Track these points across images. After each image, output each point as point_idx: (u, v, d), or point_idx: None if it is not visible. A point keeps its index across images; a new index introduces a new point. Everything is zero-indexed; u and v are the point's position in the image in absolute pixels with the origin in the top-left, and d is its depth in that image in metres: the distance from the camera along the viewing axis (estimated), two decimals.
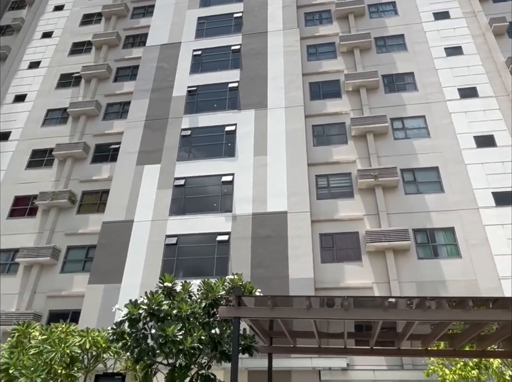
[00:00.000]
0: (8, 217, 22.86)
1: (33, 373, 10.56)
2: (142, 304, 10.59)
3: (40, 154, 25.20)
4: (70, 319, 14.04)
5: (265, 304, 7.97)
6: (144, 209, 20.06)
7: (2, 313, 19.20)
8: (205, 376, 10.77)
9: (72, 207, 22.37)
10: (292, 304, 8.32)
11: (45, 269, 20.64)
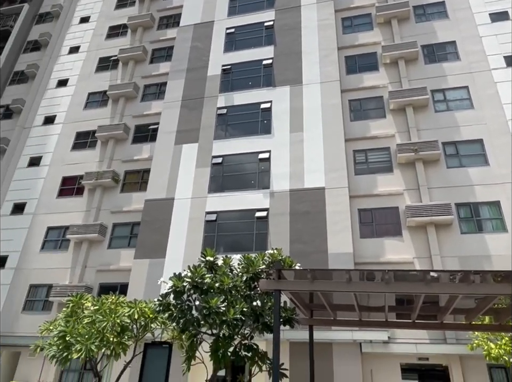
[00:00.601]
0: (57, 197, 23.93)
1: (88, 341, 11.14)
2: (186, 277, 10.90)
3: (83, 136, 25.96)
4: (118, 291, 14.55)
5: (305, 278, 7.97)
6: (184, 187, 20.39)
7: (57, 286, 20.33)
8: (248, 346, 11.04)
9: (116, 186, 23.08)
10: (331, 277, 8.27)
11: (94, 245, 21.58)
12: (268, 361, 10.92)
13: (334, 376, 14.74)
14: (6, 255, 22.83)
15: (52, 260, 21.91)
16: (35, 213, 23.76)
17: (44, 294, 21.07)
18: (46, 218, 23.28)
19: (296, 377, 13.05)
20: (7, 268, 22.40)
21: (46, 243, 22.65)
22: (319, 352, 11.25)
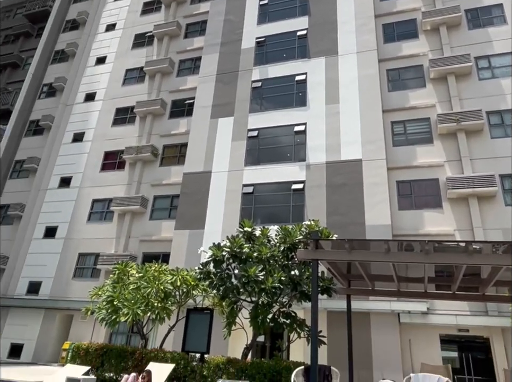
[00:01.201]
0: (100, 171, 24.69)
1: (134, 305, 11.65)
2: (225, 247, 11.11)
3: (123, 112, 26.41)
4: (161, 260, 15.05)
5: (342, 248, 7.90)
6: (221, 160, 20.51)
7: (104, 255, 21.26)
8: (286, 313, 11.22)
9: (155, 160, 23.52)
10: (369, 248, 8.16)
11: (136, 216, 22.26)
12: (307, 328, 11.07)
13: (372, 345, 14.81)
14: (56, 226, 23.95)
15: (98, 230, 22.84)
16: (81, 186, 24.65)
17: (92, 262, 22.09)
18: (91, 191, 24.14)
19: (333, 345, 13.20)
20: (57, 238, 23.55)
21: (92, 215, 23.60)
22: (357, 321, 11.27)
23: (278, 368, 9.95)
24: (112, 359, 11.88)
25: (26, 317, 21.81)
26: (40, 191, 25.48)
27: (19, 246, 24.11)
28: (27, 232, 24.37)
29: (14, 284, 23.04)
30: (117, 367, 11.71)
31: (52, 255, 22.99)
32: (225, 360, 10.66)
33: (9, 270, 23.60)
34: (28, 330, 21.40)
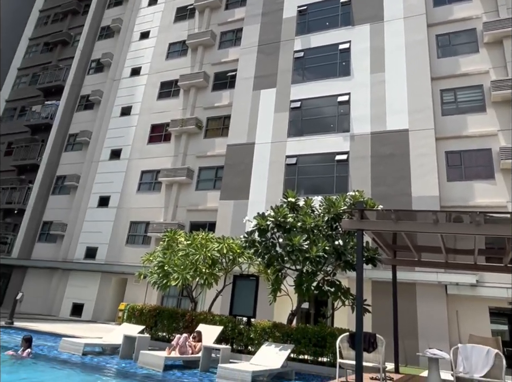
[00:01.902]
0: (148, 143, 25.30)
1: (183, 270, 12.05)
2: (269, 217, 11.15)
3: (167, 86, 26.65)
4: (207, 229, 15.35)
5: (388, 218, 7.68)
6: (264, 132, 20.39)
7: (153, 223, 22.08)
8: (331, 282, 11.23)
9: (200, 132, 23.76)
10: (416, 218, 7.88)
11: (183, 187, 22.79)
12: (351, 296, 11.07)
13: (417, 315, 14.65)
14: (109, 196, 25.02)
15: (147, 200, 23.63)
16: (130, 158, 25.43)
17: (143, 230, 23.00)
18: (140, 163, 24.85)
19: (377, 314, 13.17)
20: (110, 207, 24.63)
21: (141, 185, 24.41)
22: (402, 291, 11.13)
23: (323, 334, 10.07)
24: (164, 320, 12.42)
25: (85, 279, 23.26)
26: (93, 163, 26.54)
27: (76, 214, 25.44)
28: (83, 201, 25.60)
29: (73, 249, 24.50)
30: (169, 327, 12.26)
31: (106, 223, 24.14)
32: (271, 324, 10.89)
33: (68, 236, 25.05)
34: (87, 291, 22.84)
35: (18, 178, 29.45)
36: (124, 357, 9.96)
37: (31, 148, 29.86)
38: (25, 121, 31.20)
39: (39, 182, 27.70)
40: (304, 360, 10.28)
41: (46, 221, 26.72)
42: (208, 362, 9.43)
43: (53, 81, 31.91)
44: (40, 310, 23.30)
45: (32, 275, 25.36)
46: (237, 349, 11.04)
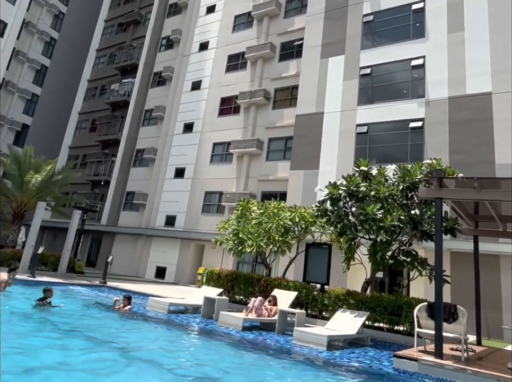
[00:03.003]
0: (218, 116, 25.68)
1: (257, 238, 12.32)
2: (341, 186, 10.92)
3: (234, 58, 26.59)
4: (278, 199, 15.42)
5: (470, 186, 7.14)
6: (333, 101, 19.75)
7: (226, 193, 22.70)
8: (406, 251, 10.87)
9: (268, 103, 23.61)
10: (501, 186, 7.24)
11: (254, 158, 23.02)
12: (428, 266, 10.67)
13: (501, 288, 13.79)
14: (184, 167, 26.00)
15: (220, 171, 24.21)
16: (202, 131, 26.05)
17: (217, 200, 23.74)
18: (211, 135, 25.39)
19: (456, 286, 12.59)
20: (185, 178, 25.64)
21: (213, 157, 25.03)
22: (484, 263, 10.43)
23: (399, 303, 9.87)
24: (240, 284, 12.86)
25: (166, 245, 24.71)
26: (168, 137, 27.59)
27: (155, 185, 26.81)
28: (160, 173, 26.87)
29: (154, 217, 26.00)
30: (245, 291, 12.69)
31: (182, 193, 25.23)
32: (345, 292, 10.88)
33: (149, 205, 26.57)
34: (169, 256, 24.28)
35: (103, 152, 31.56)
36: (205, 317, 10.52)
37: (112, 124, 31.70)
38: (106, 99, 33.01)
39: (121, 156, 29.48)
40: (379, 328, 10.20)
41: (129, 191, 28.51)
42: (283, 325, 9.67)
43: (128, 60, 33.20)
44: (127, 272, 25.22)
45: (120, 240, 27.42)
46: (311, 314, 11.21)
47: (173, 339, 8.00)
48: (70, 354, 5.75)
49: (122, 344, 6.79)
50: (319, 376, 6.27)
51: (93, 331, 7.56)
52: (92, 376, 4.89)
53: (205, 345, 7.89)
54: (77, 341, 6.61)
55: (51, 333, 6.99)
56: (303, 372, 6.36)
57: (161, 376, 5.22)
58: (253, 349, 7.57)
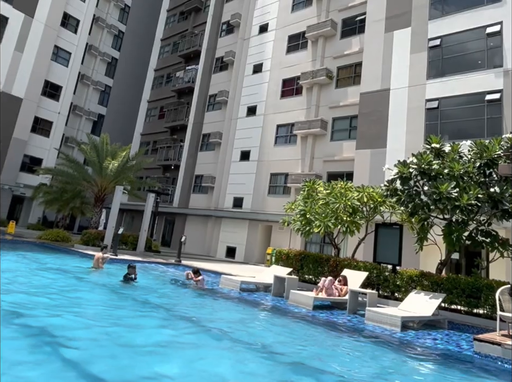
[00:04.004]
0: (280, 98, 25.50)
1: (324, 218, 12.20)
2: (412, 164, 10.42)
3: (294, 39, 26.04)
4: (345, 179, 15.12)
5: None
6: (399, 76, 18.75)
7: (292, 174, 22.64)
8: (485, 232, 10.24)
9: (331, 82, 22.97)
10: None
11: (318, 138, 22.66)
12: (511, 247, 9.99)
13: None
14: (249, 150, 26.27)
15: (284, 152, 24.16)
16: (265, 113, 26.04)
17: (282, 181, 23.77)
18: (275, 117, 25.32)
19: None
20: (251, 161, 25.92)
21: (277, 139, 24.99)
22: None
23: (478, 285, 9.37)
24: (309, 264, 12.92)
25: (234, 226, 25.33)
26: (232, 120, 27.95)
27: (222, 168, 27.44)
28: (226, 156, 27.41)
29: (222, 199, 26.70)
30: (314, 271, 12.73)
31: (248, 175, 25.60)
32: (418, 273, 10.52)
33: (217, 187, 27.29)
34: (238, 236, 24.89)
35: (172, 138, 32.79)
36: (276, 295, 10.73)
37: (179, 110, 32.73)
38: (172, 87, 34.05)
39: (188, 141, 30.46)
40: (456, 310, 9.78)
41: (198, 175, 29.44)
42: (355, 305, 9.63)
43: (191, 47, 33.82)
44: (199, 251, 26.25)
45: (191, 221, 28.55)
46: (383, 295, 11.01)
47: (249, 316, 8.30)
48: (157, 330, 6.11)
49: (201, 319, 7.12)
50: (394, 356, 6.20)
51: (174, 306, 8.03)
52: (181, 350, 5.17)
53: (279, 322, 8.06)
54: (160, 316, 6.99)
55: (135, 308, 7.51)
56: (378, 351, 6.32)
57: (234, 348, 5.42)
58: (326, 328, 7.66)
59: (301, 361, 5.19)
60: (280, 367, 4.80)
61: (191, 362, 4.61)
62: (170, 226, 30.24)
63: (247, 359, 4.98)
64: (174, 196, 30.17)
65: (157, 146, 33.47)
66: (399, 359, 6.12)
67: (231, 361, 4.89)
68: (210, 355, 5.00)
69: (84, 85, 36.97)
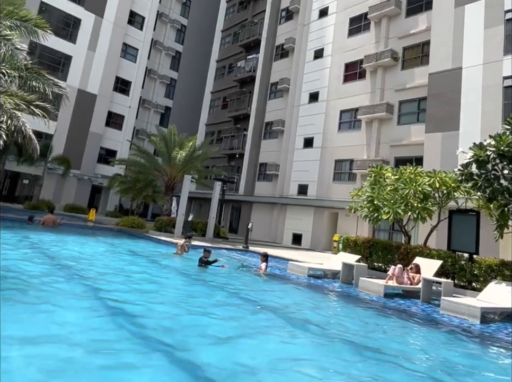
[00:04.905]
0: (343, 83, 24.84)
1: (393, 205, 11.78)
2: (489, 146, 9.68)
3: (356, 21, 25.11)
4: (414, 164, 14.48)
5: None
6: (472, 54, 17.44)
7: (357, 160, 22.15)
8: None
9: (396, 64, 21.93)
10: None
11: (384, 122, 21.85)
12: None
13: None
14: (312, 137, 26.00)
15: (348, 138, 23.61)
16: (327, 99, 25.54)
17: (348, 167, 23.31)
18: (337, 103, 24.76)
19: None
20: (314, 147, 25.66)
21: (341, 125, 24.46)
22: None
23: None
24: (378, 251, 12.62)
25: (300, 213, 25.34)
26: (294, 107, 27.75)
27: (286, 155, 27.45)
28: (290, 144, 27.35)
29: (287, 186, 26.78)
30: (384, 258, 12.42)
31: (312, 162, 25.40)
32: (498, 262, 9.88)
33: (282, 175, 27.40)
34: (303, 223, 24.89)
35: (235, 127, 33.31)
36: (344, 282, 10.63)
37: (241, 99, 33.10)
38: (233, 77, 34.44)
39: (251, 129, 30.76)
40: None
41: (262, 163, 29.74)
42: (428, 294, 9.30)
43: (251, 36, 33.84)
44: (265, 238, 26.60)
45: (257, 209, 29.01)
46: (459, 284, 10.52)
47: (320, 303, 8.31)
48: (231, 313, 6.23)
49: (274, 304, 7.18)
50: (474, 349, 5.89)
51: (250, 292, 8.19)
52: (260, 335, 5.23)
53: (352, 310, 8.00)
54: (236, 302, 7.12)
55: (214, 295, 7.84)
56: (457, 343, 5.99)
57: (311, 337, 5.48)
58: (398, 317, 7.50)
59: (384, 351, 5.05)
60: (371, 362, 4.64)
61: (280, 352, 4.67)
62: (237, 213, 30.95)
63: (341, 351, 4.98)
64: (239, 184, 30.77)
65: (221, 135, 34.18)
66: (481, 351, 5.83)
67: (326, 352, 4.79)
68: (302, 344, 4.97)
69: (151, 79, 38.60)
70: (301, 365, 4.21)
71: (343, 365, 4.32)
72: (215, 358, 3.97)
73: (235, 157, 32.27)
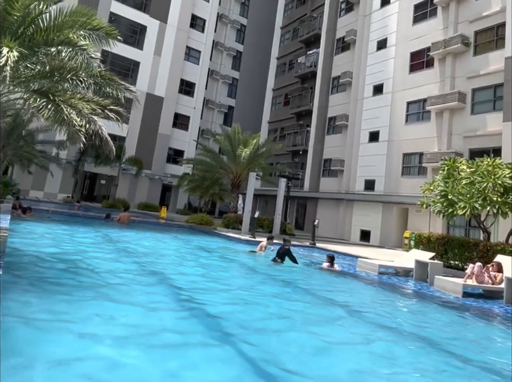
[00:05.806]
0: (409, 73, 23.77)
1: (470, 199, 11.18)
2: None
3: (421, 7, 23.88)
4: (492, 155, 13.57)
5: None
6: None
7: (427, 153, 21.09)
8: None
9: (467, 50, 20.54)
10: None
11: (455, 112, 20.61)
12: None
13: None
14: (377, 130, 25.20)
15: (417, 130, 22.59)
16: (393, 91, 24.58)
17: (417, 161, 22.32)
18: (403, 94, 23.73)
19: None
20: (380, 141, 24.86)
21: (408, 117, 23.43)
22: None
23: None
24: (454, 248, 12.06)
25: (367, 209, 24.74)
26: (358, 101, 27.06)
27: (350, 150, 26.89)
28: (354, 138, 26.73)
29: (353, 182, 26.24)
30: (461, 256, 11.86)
31: (378, 157, 24.66)
32: None
33: (347, 171, 26.91)
34: (371, 220, 24.28)
35: (298, 123, 33.25)
36: (418, 280, 10.24)
37: (303, 95, 32.95)
38: (294, 73, 34.33)
39: (314, 125, 30.48)
40: None
41: (326, 158, 29.35)
42: None
43: (310, 31, 33.50)
44: (332, 234, 26.28)
45: (322, 205, 28.72)
46: None
47: (394, 301, 8.07)
48: (307, 309, 6.31)
49: (348, 302, 7.11)
50: None
51: (321, 289, 8.23)
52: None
53: (429, 309, 7.73)
54: (309, 298, 7.17)
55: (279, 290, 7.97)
56: None
57: (390, 336, 5.31)
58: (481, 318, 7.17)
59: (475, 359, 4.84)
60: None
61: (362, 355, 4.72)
62: (302, 209, 30.92)
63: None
64: (304, 180, 30.65)
65: (284, 132, 34.27)
66: None
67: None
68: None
69: (213, 80, 39.72)
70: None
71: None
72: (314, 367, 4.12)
73: (298, 154, 32.22)
